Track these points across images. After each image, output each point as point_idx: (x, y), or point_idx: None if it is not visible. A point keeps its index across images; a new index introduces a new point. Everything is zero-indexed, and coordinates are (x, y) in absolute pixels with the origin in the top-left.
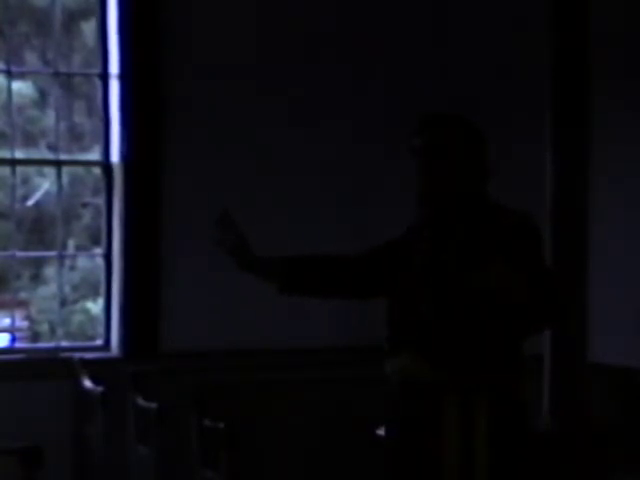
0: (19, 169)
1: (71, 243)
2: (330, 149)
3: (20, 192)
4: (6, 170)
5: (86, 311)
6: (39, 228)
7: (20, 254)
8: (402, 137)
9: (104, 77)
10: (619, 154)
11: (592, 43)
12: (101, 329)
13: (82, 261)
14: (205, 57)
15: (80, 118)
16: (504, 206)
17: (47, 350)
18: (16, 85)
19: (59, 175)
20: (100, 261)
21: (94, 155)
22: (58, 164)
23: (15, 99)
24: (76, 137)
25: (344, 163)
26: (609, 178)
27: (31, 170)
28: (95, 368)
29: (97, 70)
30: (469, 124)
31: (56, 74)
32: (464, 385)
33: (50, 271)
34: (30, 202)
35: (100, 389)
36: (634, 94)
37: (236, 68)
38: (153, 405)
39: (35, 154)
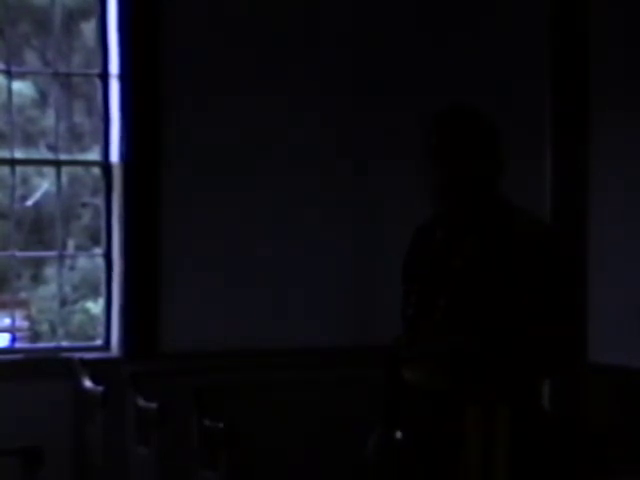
0: (18, 169)
1: (71, 243)
2: (331, 149)
3: (19, 192)
4: (5, 170)
5: (86, 311)
6: (39, 228)
7: (20, 254)
8: (401, 138)
9: (104, 77)
10: (618, 154)
11: (592, 43)
12: (101, 329)
13: (82, 261)
14: (205, 57)
15: (80, 118)
16: (524, 211)
17: (47, 350)
18: (16, 85)
19: (58, 175)
20: (100, 261)
21: (94, 155)
22: (57, 164)
23: (15, 99)
24: (76, 137)
25: (344, 163)
26: (609, 178)
27: (30, 170)
28: (95, 368)
29: (97, 70)
30: (484, 119)
31: (56, 74)
32: (484, 395)
33: (50, 271)
34: (30, 202)
35: (100, 389)
36: (634, 94)
37: (236, 68)
38: (153, 405)
39: (35, 154)
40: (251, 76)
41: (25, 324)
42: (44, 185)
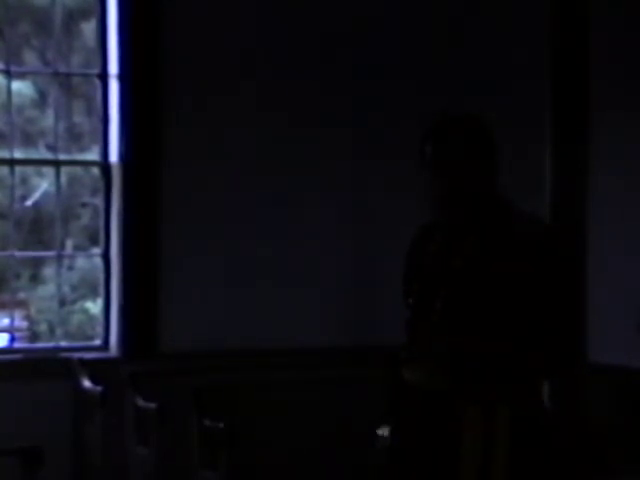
0: (18, 169)
1: (70, 243)
2: (331, 149)
3: (19, 192)
4: (5, 170)
5: (85, 311)
6: (38, 228)
7: (19, 254)
8: (401, 138)
9: (103, 77)
10: (618, 154)
11: (592, 43)
12: (100, 329)
13: (81, 261)
14: (205, 57)
15: (79, 118)
16: (523, 211)
17: (46, 350)
18: (15, 85)
19: (58, 175)
20: (99, 261)
21: (93, 155)
22: (57, 164)
23: (14, 99)
24: (75, 137)
25: (344, 163)
26: (609, 178)
27: (30, 170)
28: (94, 368)
29: (96, 70)
30: (480, 125)
31: (55, 74)
32: (484, 395)
33: (49, 271)
34: (29, 202)
35: (99, 389)
36: (634, 94)
37: (236, 69)
38: (153, 405)
39: (34, 154)
40: (251, 76)
41: (24, 324)
42: (43, 185)
